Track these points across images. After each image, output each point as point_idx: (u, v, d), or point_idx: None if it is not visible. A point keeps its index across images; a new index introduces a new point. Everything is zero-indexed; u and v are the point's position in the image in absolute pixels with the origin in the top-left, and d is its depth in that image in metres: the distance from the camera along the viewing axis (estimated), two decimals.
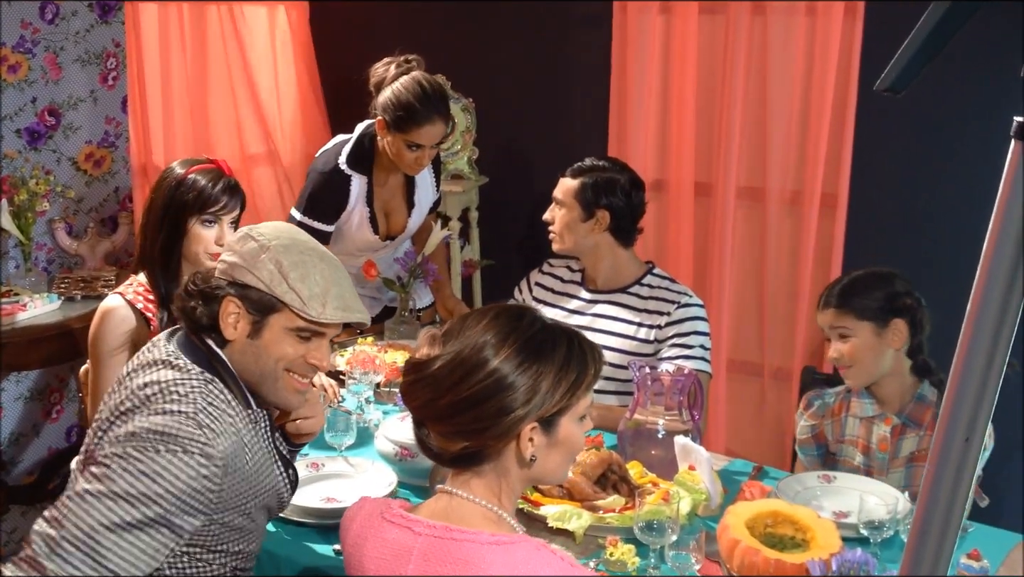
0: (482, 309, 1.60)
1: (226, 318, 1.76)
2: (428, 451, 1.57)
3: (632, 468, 2.23)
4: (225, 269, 1.77)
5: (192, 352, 1.78)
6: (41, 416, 3.81)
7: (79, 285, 3.52)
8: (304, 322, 1.75)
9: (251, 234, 1.78)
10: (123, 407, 1.71)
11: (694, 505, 2.09)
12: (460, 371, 1.49)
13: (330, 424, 2.42)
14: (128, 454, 1.62)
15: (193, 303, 1.78)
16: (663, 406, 2.35)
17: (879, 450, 2.40)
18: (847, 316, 2.38)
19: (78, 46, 3.74)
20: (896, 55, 0.86)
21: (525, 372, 1.49)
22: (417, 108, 2.90)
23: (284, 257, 1.75)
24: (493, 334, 1.51)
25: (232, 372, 1.77)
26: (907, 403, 2.39)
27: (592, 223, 2.75)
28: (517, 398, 1.48)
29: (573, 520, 2.02)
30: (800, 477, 2.29)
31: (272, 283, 1.73)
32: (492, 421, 1.48)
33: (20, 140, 3.61)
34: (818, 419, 2.51)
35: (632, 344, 2.74)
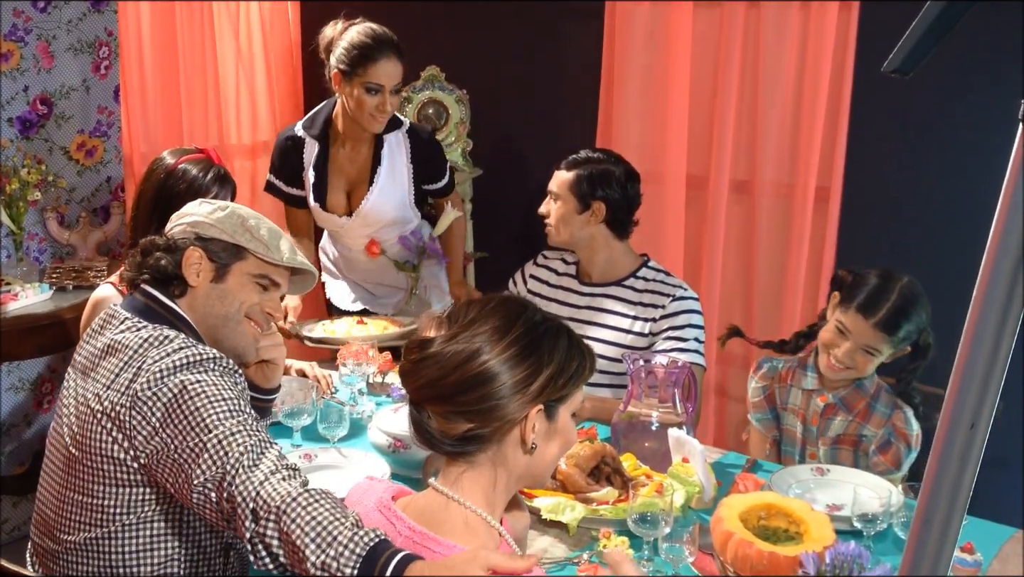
0: (486, 297, 1.60)
1: (189, 267, 1.90)
2: (425, 436, 1.54)
3: (626, 460, 2.23)
4: (185, 228, 1.93)
5: (150, 315, 1.87)
6: (33, 406, 3.79)
7: (71, 275, 3.50)
8: (267, 267, 1.95)
9: (207, 201, 2.01)
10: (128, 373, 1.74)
11: (688, 497, 2.09)
12: (469, 349, 1.48)
13: (323, 415, 2.42)
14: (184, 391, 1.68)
15: (158, 255, 1.91)
16: (657, 399, 2.35)
17: (811, 423, 2.50)
18: (885, 340, 2.39)
19: (70, 35, 3.72)
20: (904, 37, 0.85)
21: (535, 352, 1.50)
22: (371, 45, 2.96)
23: (243, 213, 1.97)
24: (502, 316, 1.52)
25: (192, 326, 1.89)
26: (845, 386, 2.46)
27: (588, 215, 2.75)
28: (527, 378, 1.49)
29: (567, 512, 2.02)
30: (793, 470, 2.30)
31: (236, 234, 1.92)
32: (500, 400, 1.48)
33: (12, 129, 3.59)
34: (768, 380, 2.58)
35: (627, 337, 2.74)
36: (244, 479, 1.55)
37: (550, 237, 2.83)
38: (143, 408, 1.69)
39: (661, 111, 3.59)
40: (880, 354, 2.40)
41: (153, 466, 1.69)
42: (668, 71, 3.55)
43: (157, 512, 1.77)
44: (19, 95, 3.61)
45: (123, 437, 1.71)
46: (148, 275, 1.91)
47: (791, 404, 2.56)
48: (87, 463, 1.75)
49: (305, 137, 3.14)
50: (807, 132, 3.31)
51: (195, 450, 1.62)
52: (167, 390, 1.69)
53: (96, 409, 1.74)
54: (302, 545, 1.45)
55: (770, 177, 3.43)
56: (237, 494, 1.54)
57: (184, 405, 1.67)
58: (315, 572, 1.43)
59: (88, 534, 1.78)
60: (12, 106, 3.59)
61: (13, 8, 3.54)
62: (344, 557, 1.42)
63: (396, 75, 2.98)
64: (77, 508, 1.79)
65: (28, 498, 3.65)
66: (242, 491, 1.54)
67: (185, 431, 1.65)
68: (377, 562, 1.40)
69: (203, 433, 1.63)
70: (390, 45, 2.98)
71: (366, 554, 1.42)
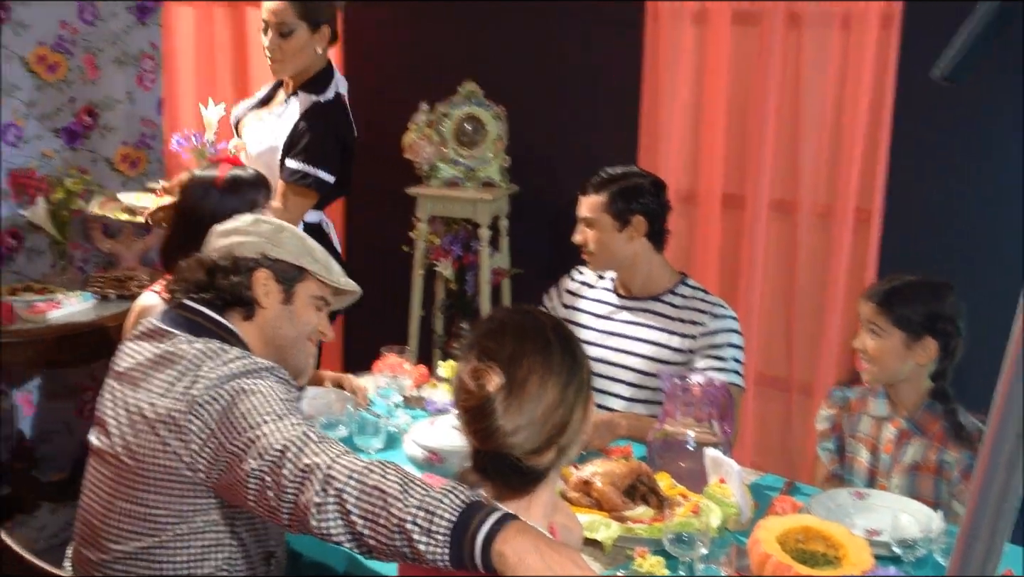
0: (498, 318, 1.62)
1: (258, 287, 1.92)
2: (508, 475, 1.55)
3: (661, 479, 2.23)
4: (245, 246, 1.94)
5: (199, 330, 1.87)
6: (73, 413, 3.84)
7: (113, 284, 3.55)
8: (325, 288, 2.01)
9: (260, 218, 2.03)
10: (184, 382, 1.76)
11: (724, 518, 2.07)
12: (532, 398, 1.51)
13: (359, 427, 2.43)
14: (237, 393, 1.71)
15: (222, 277, 1.91)
16: (693, 418, 2.34)
17: (884, 452, 2.43)
18: (883, 317, 2.38)
19: (116, 47, 3.78)
20: (954, 44, 0.83)
21: (576, 360, 1.58)
22: None
23: (300, 234, 2.01)
24: (533, 339, 1.56)
25: (242, 341, 1.90)
26: (917, 409, 2.41)
27: (629, 231, 2.74)
28: (582, 385, 1.57)
29: (602, 530, 2.02)
30: (832, 494, 2.28)
31: (300, 255, 1.97)
32: (573, 415, 1.55)
33: (58, 140, 3.65)
34: (836, 409, 2.54)
35: (663, 353, 2.73)
36: (312, 451, 1.56)
37: (592, 264, 2.82)
38: (201, 412, 1.70)
39: (698, 129, 3.59)
40: (884, 333, 2.36)
41: (209, 470, 1.70)
42: (706, 89, 3.54)
43: (209, 523, 1.78)
44: (65, 106, 3.67)
45: (180, 444, 1.72)
46: (212, 294, 1.91)
47: (860, 432, 2.50)
48: (140, 472, 1.76)
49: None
50: (847, 152, 3.29)
51: (249, 442, 1.63)
52: (224, 393, 1.71)
53: (151, 418, 1.75)
54: (390, 494, 1.44)
55: (809, 197, 3.41)
56: (304, 465, 1.54)
57: (239, 405, 1.69)
58: (406, 517, 1.42)
59: (139, 543, 1.78)
60: (58, 117, 3.66)
61: (60, 21, 3.60)
62: (445, 502, 1.41)
63: (279, 13, 2.97)
64: (127, 517, 1.79)
65: (67, 504, 3.69)
66: (308, 462, 1.54)
67: (240, 428, 1.66)
68: (477, 512, 1.40)
69: (257, 428, 1.64)
70: None
71: (469, 503, 1.42)
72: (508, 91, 3.97)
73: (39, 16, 3.52)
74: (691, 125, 3.60)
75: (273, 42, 2.94)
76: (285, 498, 1.55)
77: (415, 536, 1.41)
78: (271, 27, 2.93)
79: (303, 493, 1.52)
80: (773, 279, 3.53)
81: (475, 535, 1.38)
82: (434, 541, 1.40)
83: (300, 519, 1.54)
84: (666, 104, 3.60)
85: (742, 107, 3.52)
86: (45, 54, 3.57)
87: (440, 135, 3.93)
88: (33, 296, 3.33)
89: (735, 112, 3.53)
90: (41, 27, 3.54)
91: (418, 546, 1.40)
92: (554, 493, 1.64)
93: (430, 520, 1.41)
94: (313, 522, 1.51)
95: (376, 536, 1.45)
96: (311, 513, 1.50)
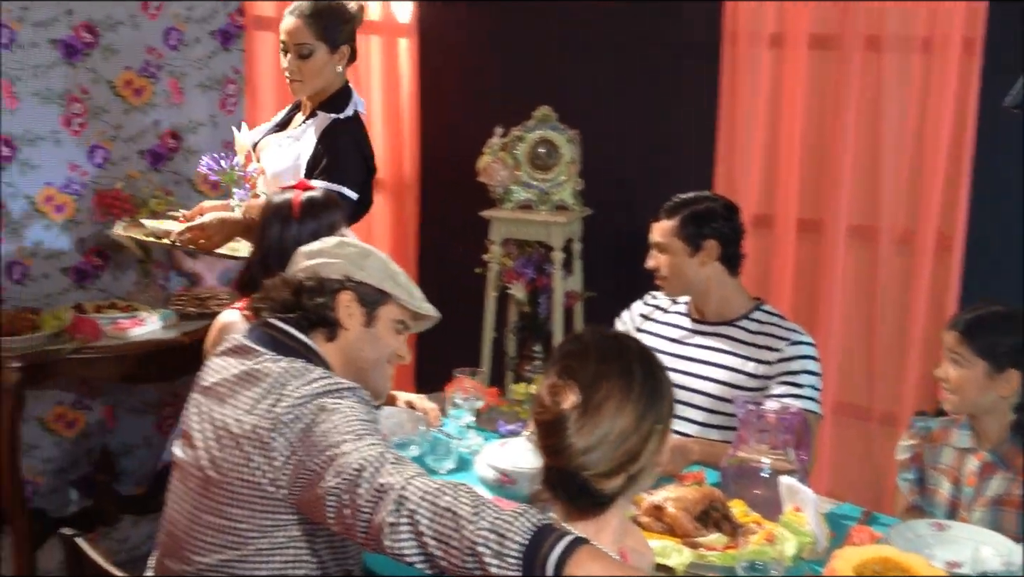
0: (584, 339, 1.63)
1: (342, 309, 1.95)
2: (577, 496, 1.56)
3: (735, 506, 2.20)
4: (331, 268, 1.97)
5: (283, 348, 1.90)
6: (153, 429, 3.93)
7: (194, 303, 3.62)
8: (406, 312, 2.03)
9: (345, 241, 2.07)
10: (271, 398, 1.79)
11: (799, 547, 2.04)
12: (607, 420, 1.52)
13: (431, 448, 2.45)
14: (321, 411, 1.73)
15: (307, 298, 1.95)
16: (768, 444, 2.31)
17: (966, 484, 2.36)
18: (966, 346, 2.33)
19: (200, 72, 3.88)
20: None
21: (658, 389, 1.58)
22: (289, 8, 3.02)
23: (383, 257, 2.04)
24: (616, 363, 1.56)
25: (324, 361, 1.92)
26: (1002, 442, 2.34)
27: (702, 256, 2.73)
28: (659, 416, 1.57)
29: (674, 556, 2.00)
30: (911, 525, 2.23)
31: (383, 280, 1.99)
32: (647, 443, 1.55)
33: (143, 161, 3.75)
34: (917, 439, 2.48)
35: (738, 378, 2.71)
36: (388, 471, 1.57)
37: (666, 289, 2.81)
38: (284, 430, 1.73)
39: (775, 153, 3.56)
40: (966, 362, 2.30)
41: (291, 486, 1.73)
42: (783, 112, 3.52)
43: (291, 538, 1.80)
44: (150, 129, 3.78)
45: (264, 460, 1.75)
46: (298, 314, 1.95)
47: (942, 464, 2.43)
48: (225, 486, 1.79)
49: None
50: (929, 177, 3.24)
51: (328, 460, 1.65)
52: (307, 412, 1.74)
53: (237, 433, 1.79)
54: (462, 516, 1.45)
55: (889, 222, 3.36)
56: (379, 485, 1.55)
57: (321, 424, 1.71)
58: (478, 539, 1.42)
59: (222, 556, 1.81)
60: (143, 139, 3.76)
61: (147, 46, 3.71)
62: (516, 524, 1.42)
63: (297, 36, 2.99)
64: (211, 530, 1.82)
65: (147, 518, 3.76)
66: (383, 482, 1.55)
67: (320, 447, 1.68)
68: (548, 536, 1.40)
69: (336, 447, 1.66)
70: (297, 9, 3.01)
71: (540, 526, 1.42)
72: (582, 114, 3.98)
73: (127, 41, 3.64)
74: (768, 149, 3.58)
75: (293, 63, 2.97)
76: (360, 517, 1.57)
77: (486, 558, 1.41)
78: (290, 48, 2.96)
79: (377, 513, 1.54)
80: (852, 305, 3.48)
81: (546, 558, 1.39)
82: (505, 564, 1.40)
83: (374, 538, 1.55)
84: (743, 127, 3.58)
85: (820, 131, 3.48)
86: (132, 78, 3.68)
87: (514, 158, 3.95)
88: (117, 313, 3.42)
89: (812, 136, 3.50)
90: (128, 52, 3.65)
91: (489, 568, 1.41)
92: (624, 518, 1.63)
93: (501, 542, 1.41)
94: (387, 542, 1.52)
95: (448, 557, 1.46)
96: (384, 533, 1.52)
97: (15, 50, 3.36)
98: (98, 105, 3.59)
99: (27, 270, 3.51)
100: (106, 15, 3.56)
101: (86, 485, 3.71)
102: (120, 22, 3.62)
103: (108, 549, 3.72)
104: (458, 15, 4.33)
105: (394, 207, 4.47)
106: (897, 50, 3.30)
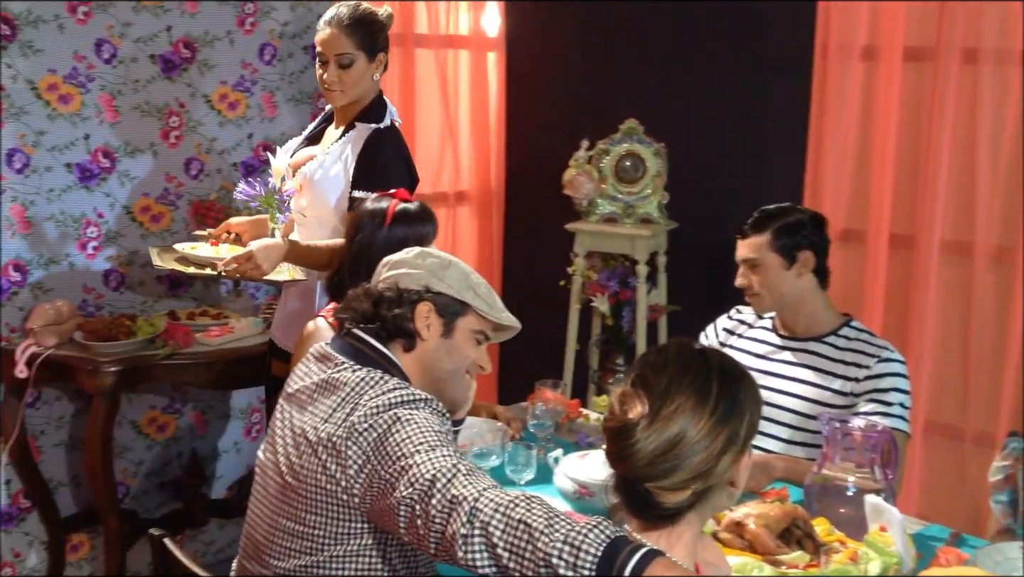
0: (665, 352, 1.61)
1: (420, 320, 1.95)
2: (641, 509, 1.56)
3: (818, 525, 2.15)
4: (410, 279, 1.98)
5: (363, 359, 1.92)
6: (242, 434, 4.01)
7: None
8: (486, 323, 2.02)
9: (427, 252, 2.05)
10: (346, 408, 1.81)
11: (884, 568, 1.99)
12: (676, 432, 1.50)
13: (511, 458, 2.45)
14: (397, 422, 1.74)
15: (386, 308, 1.96)
16: (854, 463, 2.26)
17: None
18: None
19: (292, 86, 3.96)
20: None
21: (736, 408, 1.54)
22: (324, 15, 2.97)
23: (465, 268, 2.03)
24: (693, 377, 1.53)
25: (403, 372, 1.93)
26: None
27: (797, 268, 2.68)
28: (733, 436, 1.53)
29: (754, 573, 1.97)
30: (1001, 547, 2.15)
31: (462, 290, 1.98)
32: (717, 463, 1.52)
33: (236, 173, 3.84)
34: (1011, 460, 2.39)
35: (824, 395, 2.65)
36: (461, 483, 1.58)
37: (759, 306, 2.75)
38: (358, 439, 1.75)
39: (866, 167, 3.50)
40: None
41: (364, 495, 1.75)
42: (875, 126, 3.46)
43: (365, 546, 1.81)
44: (244, 142, 3.86)
45: (338, 468, 1.77)
46: (378, 324, 1.96)
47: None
48: (302, 492, 1.82)
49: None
50: None
51: (401, 470, 1.66)
52: (381, 422, 1.75)
53: (313, 440, 1.81)
54: (536, 528, 1.45)
55: (984, 238, 3.27)
56: (452, 497, 1.56)
57: (395, 434, 1.72)
58: (552, 551, 1.42)
59: (298, 561, 1.83)
60: (237, 151, 3.85)
61: (242, 61, 3.80)
62: (591, 536, 1.41)
63: (337, 46, 2.93)
64: (288, 535, 1.85)
65: (234, 521, 3.84)
66: (456, 494, 1.56)
67: (394, 456, 1.70)
68: (623, 548, 1.40)
69: (409, 457, 1.67)
70: (335, 19, 2.96)
71: (614, 538, 1.41)
72: (669, 127, 3.97)
73: (223, 57, 3.74)
74: (859, 162, 3.52)
75: (333, 73, 2.95)
76: (433, 528, 1.58)
77: (561, 570, 1.41)
78: (330, 58, 2.94)
79: (450, 524, 1.55)
80: (946, 322, 3.40)
81: (621, 570, 1.38)
82: (580, 576, 1.40)
83: (447, 549, 1.56)
84: (833, 140, 3.52)
85: (913, 145, 3.41)
86: (227, 92, 3.77)
87: (600, 171, 3.95)
88: (208, 321, 3.50)
89: (905, 150, 3.43)
90: (225, 68, 3.75)
91: None
92: (697, 534, 1.60)
93: (575, 554, 1.41)
94: (460, 553, 1.53)
95: (522, 569, 1.46)
96: (457, 544, 1.53)
97: (116, 65, 3.48)
98: (194, 119, 3.69)
99: (123, 278, 3.61)
100: (204, 31, 3.66)
101: (175, 488, 3.80)
102: (217, 38, 3.72)
103: (195, 551, 3.81)
104: (546, 29, 4.36)
105: (480, 219, 4.50)
106: (994, 62, 3.22)
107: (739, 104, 3.91)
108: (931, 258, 3.34)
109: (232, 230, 3.13)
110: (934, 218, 3.33)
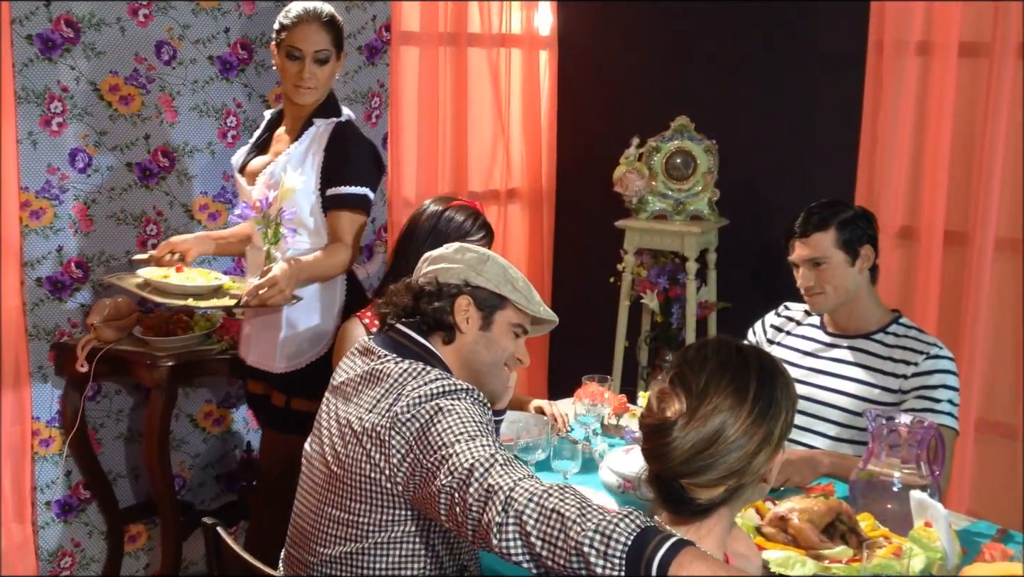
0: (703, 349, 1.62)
1: (459, 313, 2.01)
2: (676, 504, 1.58)
3: (863, 520, 2.15)
4: (450, 273, 2.02)
5: (405, 351, 1.97)
6: None
7: None
8: (524, 316, 2.06)
9: (466, 247, 2.10)
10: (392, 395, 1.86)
11: (928, 563, 1.98)
12: (713, 429, 1.51)
13: (556, 452, 2.48)
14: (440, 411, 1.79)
15: (426, 302, 2.01)
16: (899, 458, 2.24)
17: None
18: None
19: (347, 86, 4.01)
20: None
21: (773, 407, 1.56)
22: (298, 13, 2.94)
23: (503, 263, 2.07)
24: (731, 376, 1.55)
25: (444, 364, 1.98)
26: None
27: (860, 263, 2.68)
28: (769, 435, 1.54)
29: (796, 567, 1.97)
30: None
31: (500, 284, 2.03)
32: (752, 461, 1.54)
33: None
34: None
35: (873, 392, 2.64)
36: (497, 472, 1.62)
37: (823, 305, 2.70)
38: (401, 428, 1.80)
39: (920, 163, 3.46)
40: None
41: (407, 483, 1.79)
42: (930, 122, 3.42)
43: (408, 533, 1.86)
44: None
45: (381, 457, 1.81)
46: (418, 318, 2.02)
47: None
48: (347, 481, 1.87)
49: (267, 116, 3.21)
50: None
51: (442, 459, 1.71)
52: (424, 412, 1.80)
53: (358, 431, 1.86)
54: (568, 517, 1.48)
55: None
56: (488, 486, 1.60)
57: (437, 424, 1.77)
58: (583, 540, 1.45)
59: (343, 548, 1.89)
60: None
61: None
62: (621, 525, 1.44)
63: (318, 42, 2.92)
64: (334, 523, 1.90)
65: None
66: (492, 483, 1.60)
67: (435, 446, 1.74)
68: (653, 537, 1.42)
69: (450, 446, 1.72)
70: (314, 14, 2.94)
71: (644, 528, 1.44)
72: (720, 124, 3.96)
73: None
74: (913, 159, 3.49)
75: (310, 69, 2.93)
76: (470, 516, 1.62)
77: (592, 559, 1.44)
78: (307, 55, 2.92)
79: (486, 513, 1.59)
80: (1000, 319, 3.35)
81: (651, 559, 1.40)
82: (610, 564, 1.43)
83: (483, 537, 1.60)
84: (887, 137, 3.49)
85: (968, 141, 3.38)
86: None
87: (650, 168, 3.96)
88: None
89: (960, 146, 3.39)
90: None
91: (595, 569, 1.44)
92: (728, 527, 1.61)
93: (606, 543, 1.43)
94: (494, 541, 1.57)
95: (554, 557, 1.50)
96: (492, 532, 1.57)
97: (175, 66, 3.56)
98: (251, 118, 3.76)
99: None
100: (261, 32, 3.73)
101: (230, 481, 3.87)
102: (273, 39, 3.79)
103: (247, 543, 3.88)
104: (597, 27, 4.38)
105: (531, 216, 4.53)
106: None
107: (790, 101, 3.89)
108: (985, 255, 3.30)
109: (176, 249, 3.02)
110: (988, 215, 3.29)
